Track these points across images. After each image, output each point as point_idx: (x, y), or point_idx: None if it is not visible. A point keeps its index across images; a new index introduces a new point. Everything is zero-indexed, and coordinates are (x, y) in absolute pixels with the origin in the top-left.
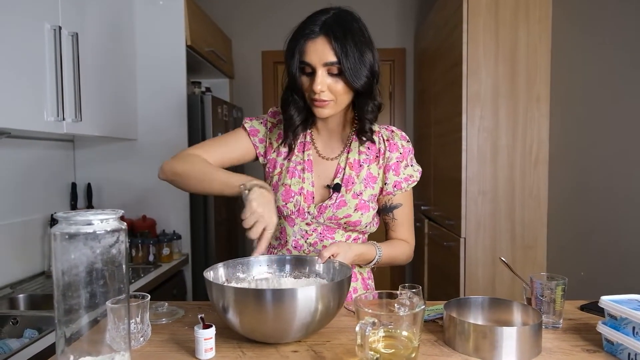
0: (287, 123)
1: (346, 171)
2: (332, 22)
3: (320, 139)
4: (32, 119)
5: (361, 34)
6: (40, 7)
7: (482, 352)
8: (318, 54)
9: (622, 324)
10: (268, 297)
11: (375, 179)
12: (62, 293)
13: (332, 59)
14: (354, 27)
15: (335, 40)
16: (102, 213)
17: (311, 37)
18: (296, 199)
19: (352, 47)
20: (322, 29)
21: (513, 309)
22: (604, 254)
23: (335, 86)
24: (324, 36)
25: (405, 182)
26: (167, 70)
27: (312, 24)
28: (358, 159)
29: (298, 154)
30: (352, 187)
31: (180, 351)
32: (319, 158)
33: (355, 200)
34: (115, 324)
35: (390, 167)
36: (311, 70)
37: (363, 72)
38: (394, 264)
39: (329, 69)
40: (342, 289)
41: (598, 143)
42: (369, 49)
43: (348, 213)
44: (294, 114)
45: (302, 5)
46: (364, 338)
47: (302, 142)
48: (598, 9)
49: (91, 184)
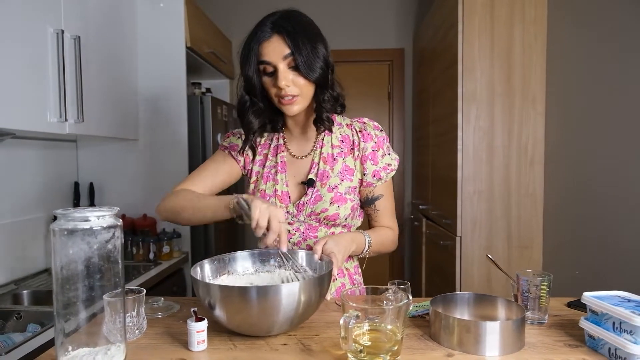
0: (245, 127)
1: (320, 166)
2: (281, 20)
3: (293, 140)
4: (35, 120)
5: (311, 28)
6: (44, 12)
7: (465, 346)
8: (275, 51)
9: (603, 319)
10: (252, 294)
11: (352, 171)
12: (61, 286)
13: (287, 51)
14: (302, 21)
15: (287, 35)
16: (98, 210)
17: (265, 38)
18: (271, 202)
19: (304, 39)
20: (274, 28)
21: (498, 304)
22: (600, 253)
23: (298, 80)
24: (277, 34)
25: (384, 172)
26: (167, 72)
27: (263, 27)
28: (332, 152)
29: (272, 158)
30: (327, 180)
31: (174, 343)
32: (292, 158)
33: (330, 194)
34: (112, 317)
35: (367, 157)
36: (272, 69)
37: (317, 63)
38: (383, 251)
39: (288, 62)
40: (323, 284)
41: (594, 142)
42: (320, 41)
43: (324, 207)
44: (252, 118)
45: (301, 8)
46: (348, 330)
47: (275, 145)
48: (594, 9)
49: (93, 183)
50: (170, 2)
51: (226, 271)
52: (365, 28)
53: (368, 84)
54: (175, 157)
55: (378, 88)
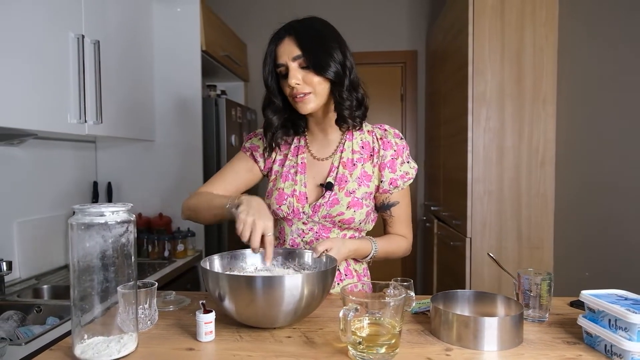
0: (266, 124)
1: (339, 170)
2: (296, 24)
3: (315, 142)
4: (56, 121)
5: (324, 29)
6: (65, 18)
7: (464, 341)
8: (286, 52)
9: (599, 316)
10: (259, 284)
11: (370, 177)
12: (78, 278)
13: (297, 52)
14: (315, 24)
15: (297, 36)
16: (113, 206)
17: (279, 40)
18: (289, 201)
19: (315, 39)
20: (287, 31)
21: (497, 301)
22: (611, 253)
23: (310, 77)
24: (289, 36)
25: (401, 180)
26: (183, 75)
27: (280, 31)
28: (352, 158)
29: (292, 158)
30: (346, 185)
31: (184, 334)
32: (313, 160)
33: (347, 198)
34: (125, 308)
35: (386, 165)
36: (286, 70)
37: (328, 61)
38: (391, 257)
39: (299, 62)
40: (327, 278)
41: (604, 143)
42: (334, 41)
43: (341, 211)
44: (270, 115)
45: (316, 10)
46: (346, 323)
47: (297, 146)
48: (604, 10)
49: (111, 182)
50: (187, 7)
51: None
52: (378, 31)
53: (381, 86)
54: (190, 158)
55: (391, 90)
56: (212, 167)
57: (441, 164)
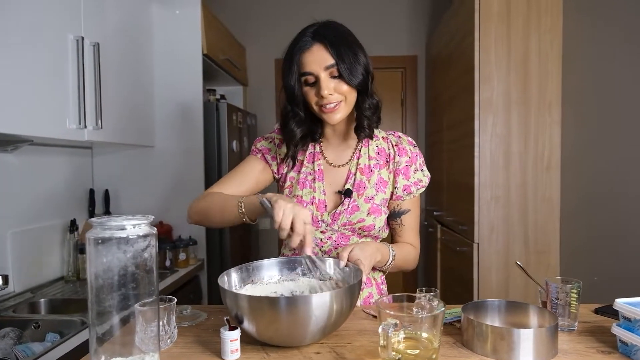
0: (287, 137)
1: (357, 176)
2: (322, 30)
3: (330, 149)
4: (55, 127)
5: (350, 36)
6: (64, 19)
7: (499, 354)
8: (317, 61)
9: (636, 325)
10: (282, 305)
11: (386, 183)
12: (96, 295)
13: (331, 61)
14: (341, 30)
15: (329, 44)
16: (134, 218)
17: (306, 48)
18: (309, 209)
19: (346, 47)
20: (315, 37)
21: (529, 311)
22: (617, 258)
23: (340, 87)
24: (319, 43)
25: (415, 187)
26: (183, 79)
27: (303, 37)
28: (368, 164)
29: (308, 164)
30: (364, 191)
31: (207, 352)
32: (329, 167)
33: (367, 205)
34: (143, 326)
35: (400, 172)
36: (314, 79)
37: (358, 70)
38: (404, 267)
39: (331, 71)
40: (354, 292)
41: (610, 148)
42: (360, 49)
43: (361, 217)
44: (294, 127)
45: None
46: (387, 339)
47: (312, 152)
48: (609, 17)
49: (109, 190)
50: (187, 10)
51: (250, 280)
52: (378, 35)
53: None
54: (191, 164)
55: (391, 94)
56: (214, 174)
57: (444, 168)
